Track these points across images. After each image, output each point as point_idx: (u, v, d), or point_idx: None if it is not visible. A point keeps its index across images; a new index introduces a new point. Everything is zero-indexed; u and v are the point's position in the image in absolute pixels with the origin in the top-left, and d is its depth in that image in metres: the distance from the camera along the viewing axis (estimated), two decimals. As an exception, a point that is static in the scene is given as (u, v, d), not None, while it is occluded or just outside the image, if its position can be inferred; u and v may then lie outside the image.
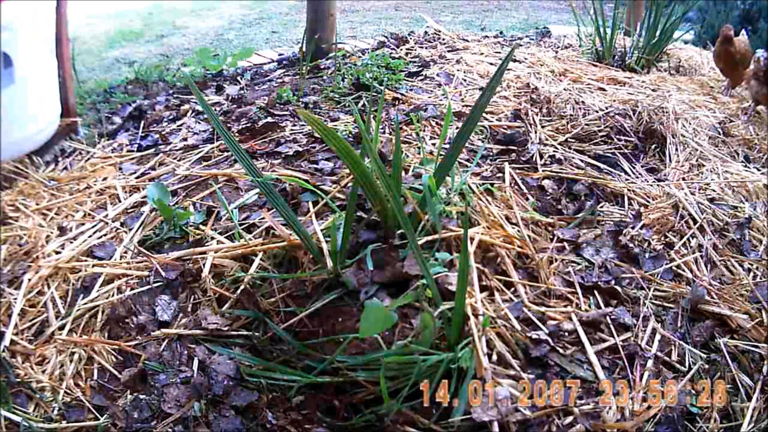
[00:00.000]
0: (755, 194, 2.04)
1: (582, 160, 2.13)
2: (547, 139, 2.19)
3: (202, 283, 1.58)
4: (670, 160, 2.20)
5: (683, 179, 2.06)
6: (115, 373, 1.40)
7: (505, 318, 1.39)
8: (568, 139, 2.23)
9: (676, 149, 2.25)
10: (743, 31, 2.98)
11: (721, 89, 2.93)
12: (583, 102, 2.41)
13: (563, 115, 2.34)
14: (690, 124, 2.38)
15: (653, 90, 2.69)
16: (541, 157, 2.08)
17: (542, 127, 2.27)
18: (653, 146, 2.27)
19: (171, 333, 1.47)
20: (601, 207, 1.90)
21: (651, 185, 2.04)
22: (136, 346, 1.46)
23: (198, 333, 1.48)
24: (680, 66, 3.27)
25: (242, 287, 1.54)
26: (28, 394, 1.33)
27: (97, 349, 1.45)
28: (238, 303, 1.53)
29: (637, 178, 2.11)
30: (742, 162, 2.28)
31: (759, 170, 2.22)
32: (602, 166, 2.13)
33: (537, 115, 2.33)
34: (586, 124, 2.29)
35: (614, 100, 2.47)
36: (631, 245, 1.71)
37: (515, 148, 2.11)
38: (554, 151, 2.13)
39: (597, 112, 2.35)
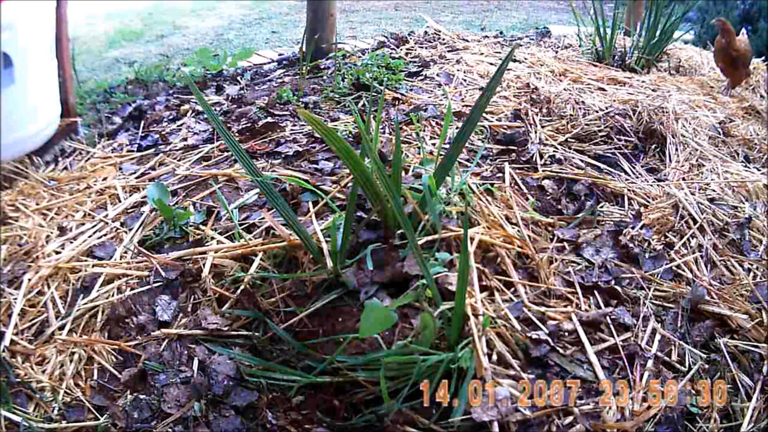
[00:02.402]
0: (755, 194, 2.04)
1: (582, 160, 2.13)
2: (547, 139, 2.19)
3: (202, 283, 1.58)
4: (670, 160, 2.20)
5: (683, 179, 2.06)
6: (115, 373, 1.40)
7: (505, 318, 1.39)
8: (568, 139, 2.23)
9: (676, 149, 2.25)
10: (743, 31, 2.97)
11: (721, 89, 2.93)
12: (583, 102, 2.41)
13: (563, 115, 2.34)
14: (690, 124, 2.38)
15: (653, 90, 2.69)
16: (541, 157, 2.08)
17: (542, 127, 2.27)
18: (653, 146, 2.27)
19: (171, 333, 1.47)
20: (601, 207, 1.90)
21: (651, 185, 2.04)
22: (136, 346, 1.46)
23: (198, 333, 1.48)
24: (680, 66, 3.27)
25: (242, 287, 1.55)
26: (28, 394, 1.34)
27: (97, 349, 1.45)
28: (238, 303, 1.53)
29: (637, 178, 2.11)
30: (742, 162, 2.28)
31: (759, 170, 2.22)
32: (602, 166, 2.13)
33: (537, 115, 2.33)
34: (586, 124, 2.29)
35: (614, 100, 2.46)
36: (631, 245, 1.71)
37: (515, 148, 2.11)
38: (554, 151, 2.13)
39: (597, 112, 2.35)
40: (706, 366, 1.40)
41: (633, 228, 1.79)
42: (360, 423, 1.29)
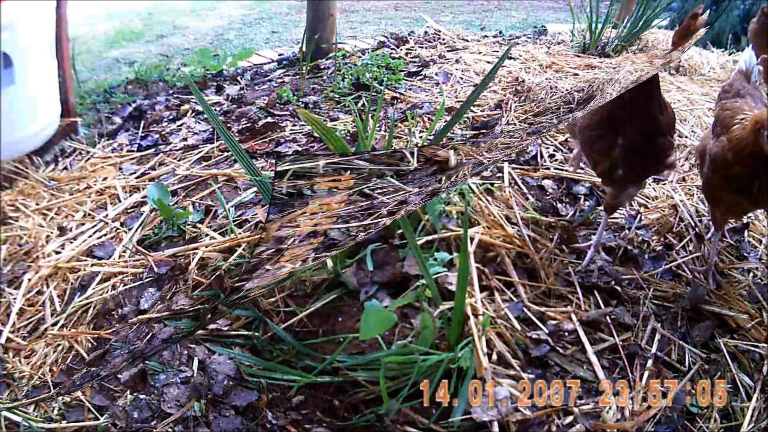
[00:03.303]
0: None
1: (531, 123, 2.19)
2: (512, 120, 2.23)
3: (186, 275, 1.59)
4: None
5: (683, 179, 2.06)
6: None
7: (505, 318, 1.39)
8: (529, 117, 2.27)
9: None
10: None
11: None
12: (556, 87, 2.48)
13: (534, 99, 2.40)
14: (688, 123, 2.39)
15: (614, 68, 2.75)
16: (542, 156, 2.08)
17: (513, 111, 2.32)
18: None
19: (143, 318, 1.49)
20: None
21: (649, 185, 2.04)
22: (112, 332, 1.47)
23: (198, 332, 1.48)
24: (680, 66, 3.27)
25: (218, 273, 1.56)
26: (8, 383, 1.35)
27: (80, 340, 1.46)
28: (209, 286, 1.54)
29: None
30: None
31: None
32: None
33: (515, 103, 2.39)
34: (548, 103, 2.34)
35: (579, 81, 2.53)
36: (630, 247, 1.71)
37: (486, 131, 2.14)
38: (555, 151, 2.13)
39: (561, 92, 2.41)
40: (706, 366, 1.40)
41: (630, 229, 1.78)
42: (360, 423, 1.29)
